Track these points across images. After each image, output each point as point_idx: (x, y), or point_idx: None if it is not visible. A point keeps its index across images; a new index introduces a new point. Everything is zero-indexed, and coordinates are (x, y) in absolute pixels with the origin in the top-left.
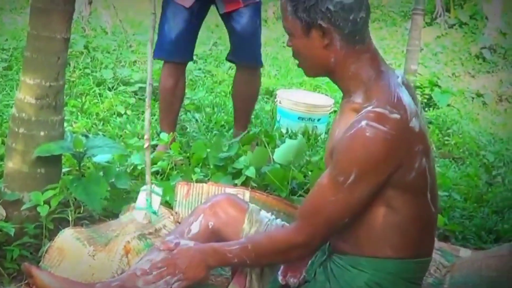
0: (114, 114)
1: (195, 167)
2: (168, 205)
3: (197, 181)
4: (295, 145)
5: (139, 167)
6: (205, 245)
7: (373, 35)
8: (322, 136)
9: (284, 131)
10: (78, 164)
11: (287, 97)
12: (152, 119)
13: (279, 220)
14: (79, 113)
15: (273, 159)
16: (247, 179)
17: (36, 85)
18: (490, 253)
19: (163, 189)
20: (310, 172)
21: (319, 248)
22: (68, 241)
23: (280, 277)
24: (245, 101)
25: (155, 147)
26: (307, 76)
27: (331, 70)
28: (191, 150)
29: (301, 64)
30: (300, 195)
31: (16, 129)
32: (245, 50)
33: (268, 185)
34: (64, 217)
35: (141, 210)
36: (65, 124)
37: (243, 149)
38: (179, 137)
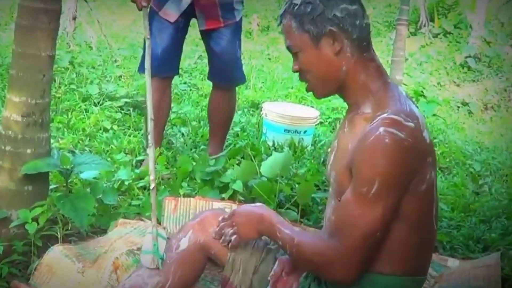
0: (101, 129)
1: (182, 182)
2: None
3: (184, 195)
4: (282, 158)
5: (126, 183)
6: (266, 213)
7: None
8: (309, 148)
9: (270, 143)
10: (65, 181)
11: (273, 109)
12: (138, 134)
13: None
14: (65, 129)
15: (260, 172)
16: (235, 193)
17: (22, 103)
18: (478, 263)
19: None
20: (297, 185)
21: (361, 270)
22: (57, 258)
23: None
24: (221, 120)
25: (142, 162)
26: (318, 97)
27: (342, 81)
28: (176, 164)
29: (311, 84)
30: (288, 208)
31: (3, 147)
32: (224, 73)
33: (255, 198)
34: (52, 234)
35: (148, 254)
36: (52, 141)
37: (229, 163)
38: (165, 152)
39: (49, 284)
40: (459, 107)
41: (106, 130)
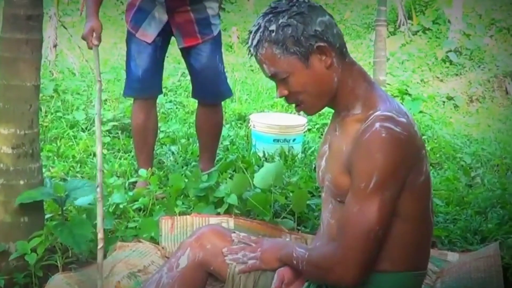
0: (90, 155)
1: (176, 200)
2: (154, 240)
3: (180, 213)
4: (274, 168)
5: (120, 206)
6: (291, 242)
7: None
8: (299, 156)
9: (261, 154)
10: (60, 209)
11: (261, 120)
12: (128, 156)
13: None
14: (55, 157)
15: (253, 184)
16: (230, 207)
17: (11, 135)
18: (478, 255)
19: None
20: (291, 193)
21: (366, 270)
22: (58, 287)
23: None
24: (210, 135)
25: (134, 184)
26: (311, 114)
27: (334, 91)
28: (169, 182)
29: (305, 103)
30: (284, 217)
31: None
32: (207, 89)
33: (251, 210)
34: (52, 263)
35: None
36: (43, 170)
37: (222, 177)
38: (157, 171)
39: None
40: (444, 102)
41: (96, 155)
